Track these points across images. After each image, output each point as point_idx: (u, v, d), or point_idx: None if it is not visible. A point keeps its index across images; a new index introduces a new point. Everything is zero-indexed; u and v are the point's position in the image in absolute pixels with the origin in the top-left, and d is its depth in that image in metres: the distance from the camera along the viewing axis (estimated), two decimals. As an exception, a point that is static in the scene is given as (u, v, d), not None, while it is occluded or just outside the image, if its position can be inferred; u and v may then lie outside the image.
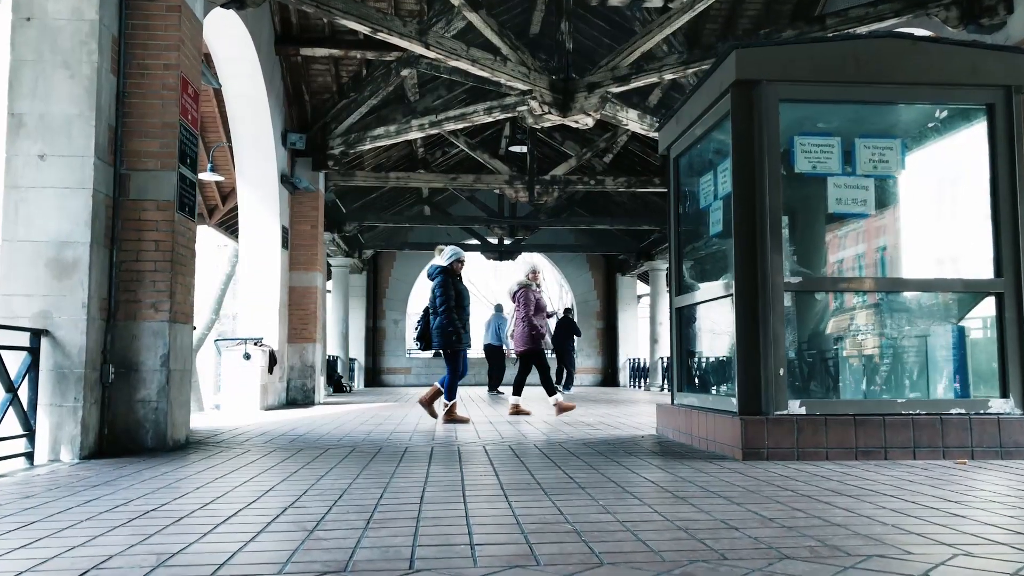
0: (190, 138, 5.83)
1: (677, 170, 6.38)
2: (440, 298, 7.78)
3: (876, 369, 5.22)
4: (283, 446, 5.61)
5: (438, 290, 7.81)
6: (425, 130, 10.93)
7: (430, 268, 8.11)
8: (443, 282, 7.86)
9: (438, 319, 7.81)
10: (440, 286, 7.83)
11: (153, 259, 5.49)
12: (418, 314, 8.58)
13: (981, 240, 5.00)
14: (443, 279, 7.88)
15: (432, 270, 8.08)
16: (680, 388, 6.17)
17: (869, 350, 5.22)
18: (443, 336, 7.80)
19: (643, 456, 4.90)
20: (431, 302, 7.89)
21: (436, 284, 7.87)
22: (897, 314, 5.23)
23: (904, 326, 5.24)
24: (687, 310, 6.14)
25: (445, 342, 7.81)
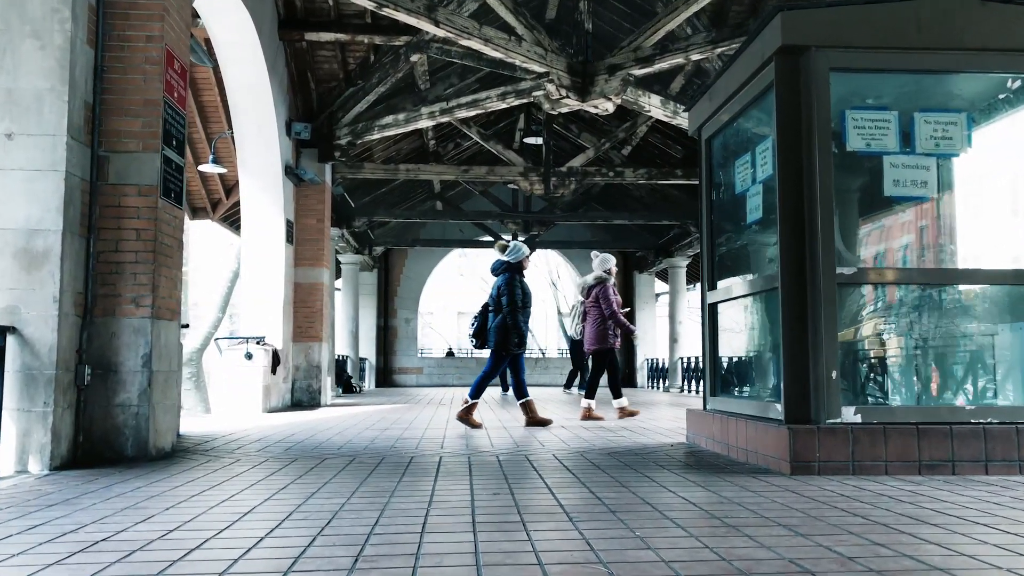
0: (176, 117, 5.34)
1: (710, 153, 5.83)
2: (506, 296, 7.26)
3: (940, 372, 4.65)
4: (277, 455, 5.10)
5: (504, 288, 7.30)
6: (436, 118, 10.41)
7: (494, 264, 7.58)
8: (510, 280, 7.35)
9: (499, 318, 7.31)
10: (506, 284, 7.32)
11: (134, 249, 4.99)
12: (430, 313, 8.02)
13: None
14: (510, 276, 7.38)
15: (495, 265, 7.56)
16: (713, 392, 5.62)
17: (931, 351, 4.65)
18: (503, 336, 7.30)
19: (677, 470, 4.35)
20: (493, 299, 7.38)
21: (501, 281, 7.35)
22: (964, 310, 4.66)
23: (971, 323, 4.67)
24: (721, 306, 5.59)
25: (504, 342, 7.31)
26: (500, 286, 7.34)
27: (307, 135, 10.62)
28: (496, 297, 7.35)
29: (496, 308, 7.36)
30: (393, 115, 10.49)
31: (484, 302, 7.57)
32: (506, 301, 7.24)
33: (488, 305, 7.45)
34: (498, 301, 7.33)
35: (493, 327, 7.33)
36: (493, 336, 7.32)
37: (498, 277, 7.47)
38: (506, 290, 7.27)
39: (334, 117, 10.99)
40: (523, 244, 7.58)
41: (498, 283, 7.38)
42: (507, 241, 7.63)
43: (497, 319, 7.32)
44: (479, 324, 7.43)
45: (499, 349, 7.34)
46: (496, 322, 7.32)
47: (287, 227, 10.60)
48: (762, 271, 5.01)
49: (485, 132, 13.24)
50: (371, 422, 7.85)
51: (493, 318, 7.35)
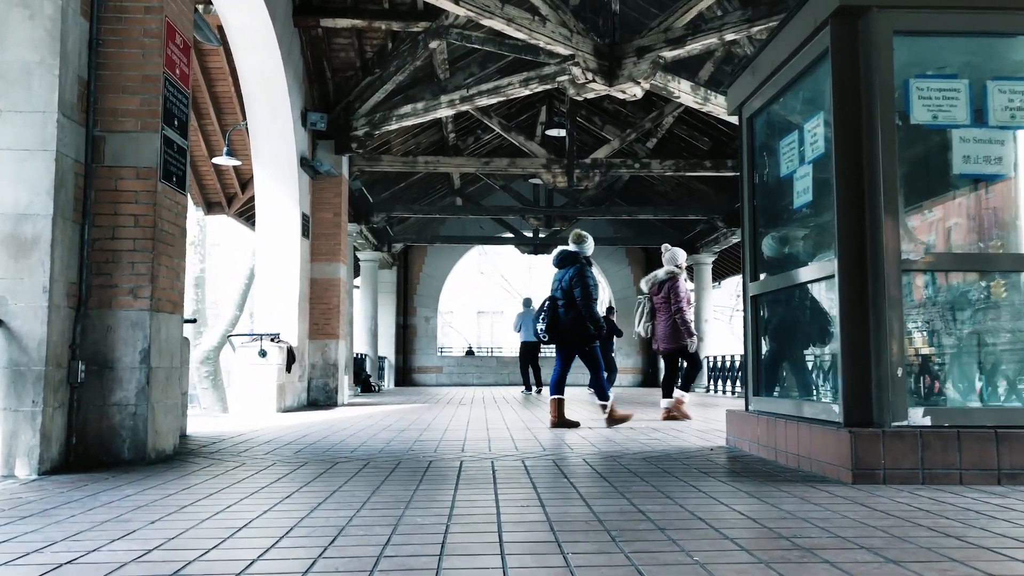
0: (178, 95, 4.98)
1: (752, 132, 5.38)
2: (580, 288, 6.87)
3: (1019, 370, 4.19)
4: (286, 458, 4.73)
5: (576, 279, 6.90)
6: (456, 106, 10.02)
7: (560, 254, 7.17)
8: (582, 271, 6.95)
9: (573, 311, 6.91)
10: (579, 275, 6.92)
11: (132, 236, 4.63)
12: (450, 312, 7.63)
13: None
14: (581, 267, 6.98)
15: (561, 256, 7.13)
16: (757, 392, 5.18)
17: (1007, 346, 4.19)
18: (579, 329, 6.90)
19: (723, 477, 3.92)
20: (563, 292, 6.96)
21: (575, 273, 6.93)
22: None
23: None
24: (766, 298, 5.15)
25: (582, 335, 6.92)
26: (572, 277, 6.92)
27: (323, 126, 10.28)
28: (567, 289, 6.94)
29: (568, 301, 6.94)
30: (412, 104, 10.11)
31: (549, 295, 7.14)
32: (580, 293, 6.84)
33: (557, 298, 7.02)
34: (570, 293, 6.92)
35: (568, 321, 6.92)
36: (569, 330, 6.91)
37: (564, 269, 7.04)
38: (579, 282, 6.86)
39: (351, 107, 10.63)
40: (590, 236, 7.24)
41: (568, 275, 6.95)
42: (581, 231, 7.22)
43: (570, 312, 6.91)
44: (550, 317, 6.99)
45: (580, 344, 6.96)
46: (571, 315, 6.91)
47: (303, 221, 10.26)
48: (814, 259, 4.57)
49: (506, 123, 12.83)
50: (388, 423, 7.47)
51: (565, 312, 6.94)
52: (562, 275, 7.03)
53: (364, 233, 16.07)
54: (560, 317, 6.94)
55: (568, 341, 6.99)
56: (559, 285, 7.00)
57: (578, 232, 7.20)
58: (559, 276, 7.06)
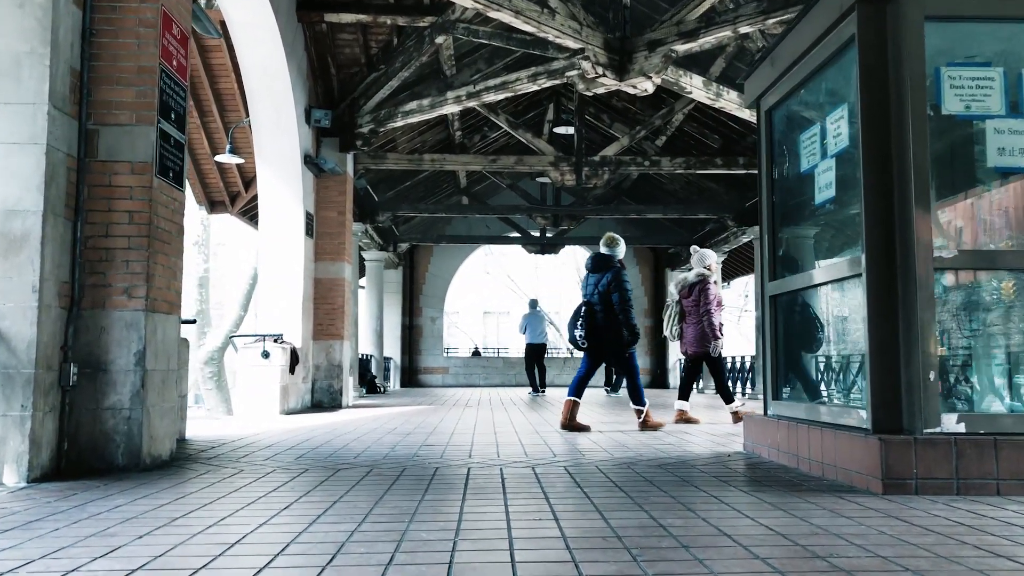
0: (175, 88, 4.80)
1: (770, 126, 5.18)
2: (617, 295, 6.67)
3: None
4: (287, 464, 4.55)
5: (614, 284, 6.70)
6: (462, 102, 9.82)
7: (594, 258, 6.96)
8: (620, 276, 6.75)
9: (610, 316, 6.71)
10: (616, 279, 6.72)
11: (126, 234, 4.46)
12: (456, 312, 7.41)
13: None
14: (619, 272, 6.78)
15: (593, 261, 6.93)
16: (776, 395, 4.98)
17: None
18: (617, 335, 6.72)
19: (744, 487, 3.72)
20: (600, 297, 6.76)
21: (612, 278, 6.73)
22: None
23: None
24: (786, 298, 4.95)
25: (619, 342, 6.73)
26: (610, 283, 6.73)
27: (327, 123, 10.10)
28: (604, 294, 6.74)
29: (605, 306, 6.74)
30: (417, 101, 9.92)
31: (584, 300, 6.93)
32: (618, 299, 6.65)
33: (593, 303, 6.82)
34: (607, 298, 6.72)
35: (606, 326, 6.72)
36: (609, 336, 6.72)
37: (599, 273, 6.84)
38: (617, 287, 6.67)
39: (356, 104, 10.46)
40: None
41: (605, 280, 6.75)
42: (615, 235, 7.02)
43: (607, 318, 6.71)
44: (588, 324, 6.77)
45: (616, 350, 6.78)
46: (608, 321, 6.71)
47: (306, 219, 10.09)
48: (838, 256, 4.37)
49: (514, 120, 12.63)
50: (393, 425, 7.29)
51: (603, 316, 6.74)
52: (597, 279, 6.83)
53: (369, 233, 15.89)
54: (598, 322, 6.75)
55: (604, 347, 6.80)
56: (595, 290, 6.81)
57: (610, 235, 7.01)
58: (594, 280, 6.86)
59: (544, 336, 14.70)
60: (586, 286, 6.95)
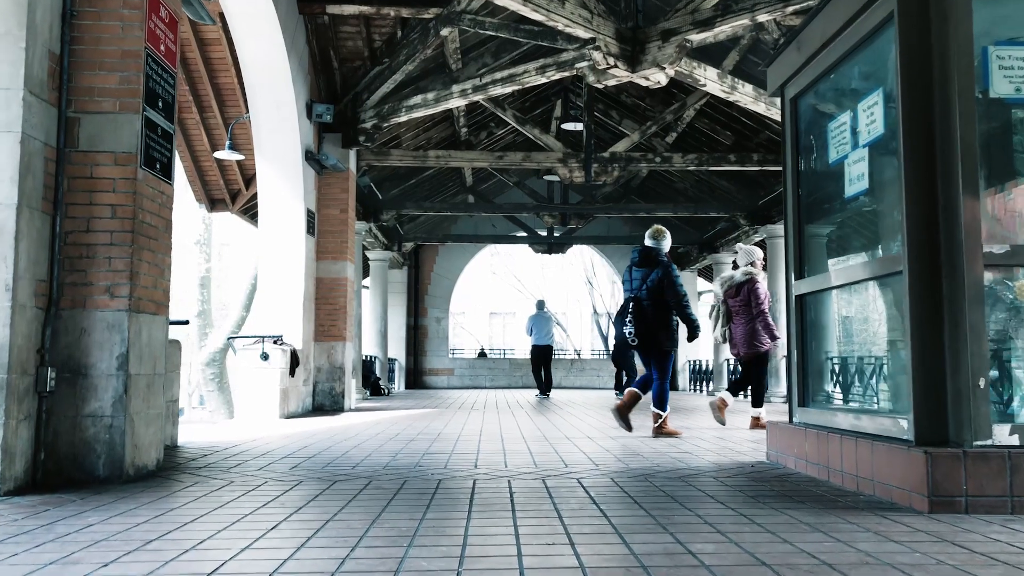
0: (163, 74, 4.51)
1: (796, 115, 4.87)
2: (672, 289, 6.37)
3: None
4: (280, 476, 4.25)
5: (664, 279, 6.38)
6: (468, 96, 9.53)
7: (641, 252, 6.62)
8: (670, 271, 6.43)
9: (660, 313, 6.40)
10: (667, 274, 6.39)
11: (109, 229, 4.17)
12: (462, 313, 7.07)
13: None
14: (669, 267, 6.45)
15: (640, 254, 6.59)
16: (803, 402, 4.67)
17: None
18: (664, 332, 6.42)
19: (775, 503, 3.41)
20: (649, 292, 6.43)
21: (663, 274, 6.40)
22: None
23: None
24: (814, 298, 4.63)
25: (666, 339, 6.44)
26: (661, 279, 6.41)
27: (329, 117, 9.81)
28: (653, 289, 6.42)
29: (655, 302, 6.42)
30: (422, 95, 9.63)
31: (630, 296, 6.58)
32: (672, 295, 6.35)
33: (642, 299, 6.48)
34: (657, 294, 6.40)
35: (656, 323, 6.41)
36: (657, 332, 6.41)
37: (647, 268, 6.50)
38: (669, 281, 6.36)
39: (358, 99, 10.17)
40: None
41: (656, 275, 6.43)
42: (661, 227, 6.71)
43: (658, 314, 6.40)
44: (639, 320, 6.42)
45: (669, 348, 6.48)
46: (659, 317, 6.40)
47: (307, 217, 9.80)
48: (873, 253, 4.06)
49: (521, 116, 12.32)
50: (396, 431, 6.99)
51: (654, 313, 6.42)
52: (645, 274, 6.50)
53: (373, 232, 15.61)
54: (648, 319, 6.43)
55: (651, 343, 6.47)
56: (643, 284, 6.47)
57: (657, 227, 6.70)
58: (640, 275, 6.53)
59: (551, 338, 14.41)
60: (631, 280, 6.60)
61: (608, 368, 21.31)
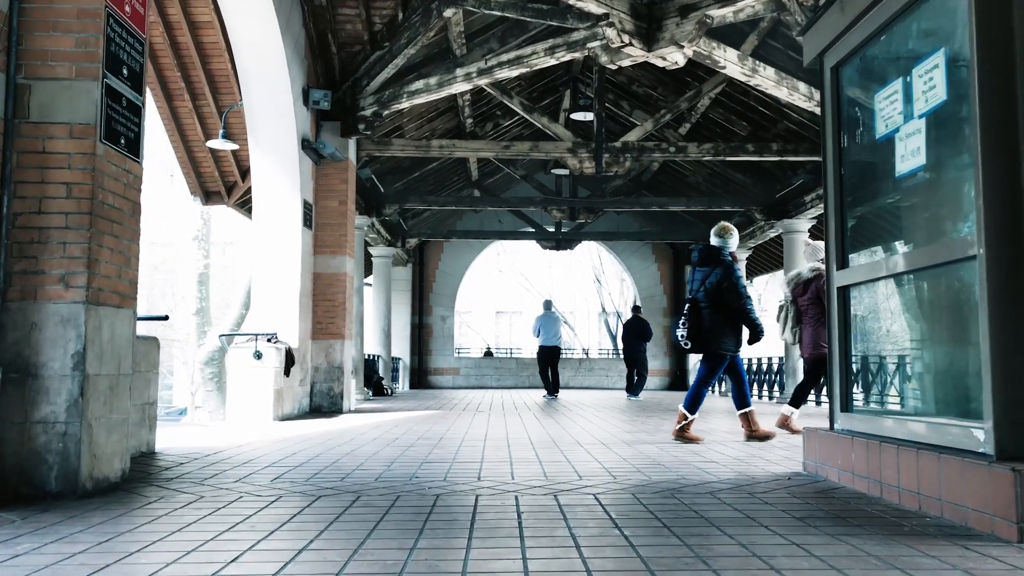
0: (128, 39, 4.03)
1: (837, 85, 4.36)
2: (731, 288, 5.93)
3: None
4: (257, 489, 3.77)
5: (724, 279, 5.95)
6: (473, 80, 9.03)
7: (701, 250, 6.18)
8: (731, 270, 5.98)
9: (719, 315, 5.97)
10: (727, 273, 5.96)
11: (63, 210, 3.69)
12: (468, 312, 6.55)
13: None
14: (730, 267, 6.00)
15: (700, 254, 6.16)
16: (846, 407, 4.15)
17: None
18: (720, 335, 5.99)
19: (827, 526, 2.90)
20: (707, 293, 6.00)
21: (722, 274, 5.97)
22: None
23: None
24: (860, 289, 4.12)
25: (721, 342, 6.01)
26: (720, 278, 5.97)
27: (327, 104, 9.33)
28: (712, 290, 5.98)
29: (713, 304, 5.98)
30: (424, 80, 9.14)
31: (689, 297, 6.16)
32: (732, 296, 5.91)
33: (699, 300, 6.05)
34: (715, 295, 5.96)
35: (713, 326, 5.98)
36: (712, 336, 5.99)
37: (707, 267, 6.08)
38: (729, 283, 5.92)
39: (358, 85, 9.68)
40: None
41: (715, 275, 5.99)
42: (726, 223, 6.25)
43: (716, 316, 5.97)
44: (692, 323, 6.01)
45: (721, 353, 6.05)
46: (716, 320, 5.98)
47: (304, 209, 9.32)
48: (934, 236, 3.55)
49: (528, 104, 11.82)
50: (395, 435, 6.50)
51: (710, 315, 5.99)
52: (704, 274, 6.07)
53: (376, 227, 15.13)
54: (704, 322, 6.01)
55: (705, 347, 6.06)
56: (702, 285, 6.06)
57: (723, 224, 6.23)
58: (700, 275, 6.11)
59: (558, 338, 13.91)
60: (692, 281, 6.20)
61: (617, 368, 20.81)
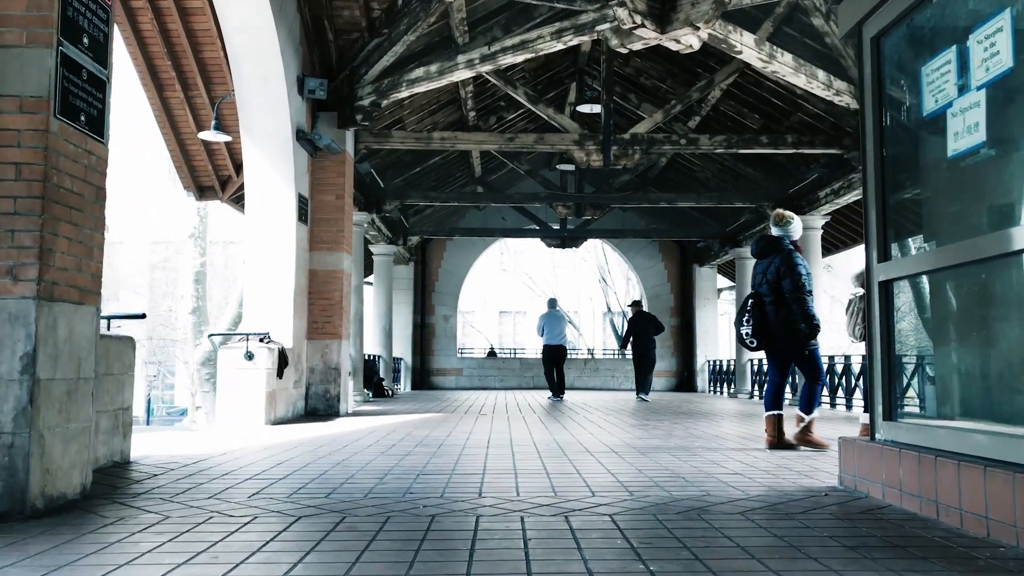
0: (88, 4, 3.62)
1: (879, 58, 3.93)
2: (788, 280, 5.52)
3: None
4: (232, 507, 3.35)
5: (784, 268, 5.54)
6: (475, 67, 8.61)
7: (761, 242, 5.79)
8: (791, 258, 5.57)
9: (784, 308, 5.56)
10: (786, 263, 5.55)
11: (12, 194, 3.28)
12: (471, 312, 6.10)
13: None
14: (790, 254, 5.59)
15: (759, 245, 5.78)
16: (889, 414, 3.73)
17: None
18: (793, 329, 5.58)
19: (884, 558, 2.48)
20: (770, 285, 5.61)
21: (781, 262, 5.57)
22: None
23: None
24: (906, 284, 3.70)
25: (796, 337, 5.60)
26: (779, 267, 5.57)
27: (323, 93, 8.92)
28: (774, 282, 5.59)
29: (776, 297, 5.58)
30: (424, 68, 8.72)
31: (752, 292, 5.77)
32: (789, 285, 5.52)
33: (762, 294, 5.66)
34: (778, 287, 5.57)
35: (780, 321, 5.58)
36: (783, 332, 5.59)
37: (768, 258, 5.69)
38: (788, 271, 5.53)
39: (356, 74, 9.27)
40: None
41: (774, 265, 5.59)
42: (784, 211, 5.81)
43: (781, 310, 5.58)
44: (757, 319, 5.61)
45: (805, 344, 5.62)
46: (782, 314, 5.57)
47: (299, 203, 8.91)
48: (1001, 222, 3.12)
49: (533, 93, 11.39)
50: (391, 441, 6.09)
51: (774, 310, 5.60)
52: (766, 266, 5.69)
53: (376, 224, 14.71)
54: (769, 317, 5.63)
55: (779, 345, 5.69)
56: (764, 279, 5.68)
57: (780, 212, 5.81)
58: (762, 268, 5.72)
59: (563, 337, 13.50)
60: (755, 276, 5.81)
61: (623, 368, 20.39)
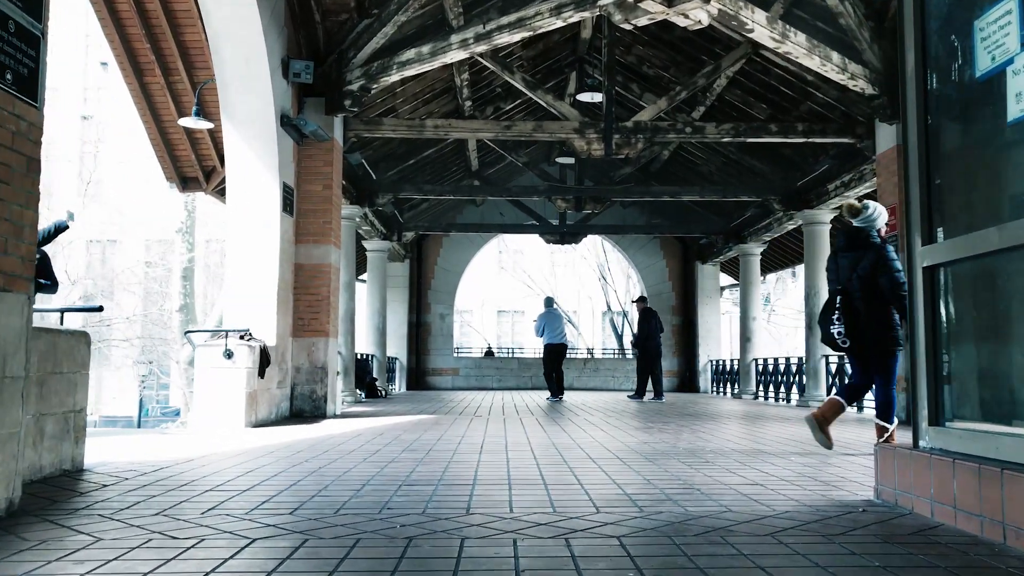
0: (17, -55, 3.15)
1: (923, 10, 3.46)
2: (885, 277, 5.07)
3: None
4: (179, 526, 2.88)
5: (882, 266, 5.09)
6: (470, 47, 8.15)
7: (848, 234, 5.32)
8: (885, 254, 5.12)
9: (876, 305, 5.15)
10: (883, 259, 5.10)
11: (-81, 161, 2.81)
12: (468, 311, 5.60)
13: None
14: (883, 249, 5.14)
15: (846, 238, 5.32)
16: (936, 419, 3.26)
17: None
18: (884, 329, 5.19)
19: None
20: (861, 281, 5.16)
21: (876, 257, 5.12)
22: None
23: None
24: (958, 269, 3.23)
25: (886, 338, 5.21)
26: (874, 264, 5.11)
27: (309, 77, 8.46)
28: (865, 276, 5.13)
29: (867, 293, 5.14)
30: (415, 49, 8.25)
31: (837, 288, 5.31)
32: (887, 282, 5.05)
33: (851, 291, 5.21)
34: (870, 283, 5.12)
35: (872, 319, 5.16)
36: (874, 331, 5.18)
37: (856, 251, 5.23)
38: (884, 268, 5.08)
39: (344, 57, 8.81)
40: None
41: (868, 259, 5.13)
42: (862, 202, 5.31)
43: (872, 307, 5.16)
44: (849, 317, 5.17)
45: (893, 347, 5.24)
46: (873, 311, 5.15)
47: (284, 192, 8.44)
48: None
49: (531, 79, 10.91)
50: (376, 446, 5.62)
51: (866, 307, 5.16)
52: (854, 260, 5.23)
53: (369, 218, 14.25)
54: (860, 315, 5.19)
55: (868, 344, 5.25)
56: (852, 273, 5.23)
57: (850, 204, 5.28)
58: (848, 262, 5.28)
59: (563, 336, 13.05)
60: (835, 270, 5.37)
61: (623, 368, 19.95)
